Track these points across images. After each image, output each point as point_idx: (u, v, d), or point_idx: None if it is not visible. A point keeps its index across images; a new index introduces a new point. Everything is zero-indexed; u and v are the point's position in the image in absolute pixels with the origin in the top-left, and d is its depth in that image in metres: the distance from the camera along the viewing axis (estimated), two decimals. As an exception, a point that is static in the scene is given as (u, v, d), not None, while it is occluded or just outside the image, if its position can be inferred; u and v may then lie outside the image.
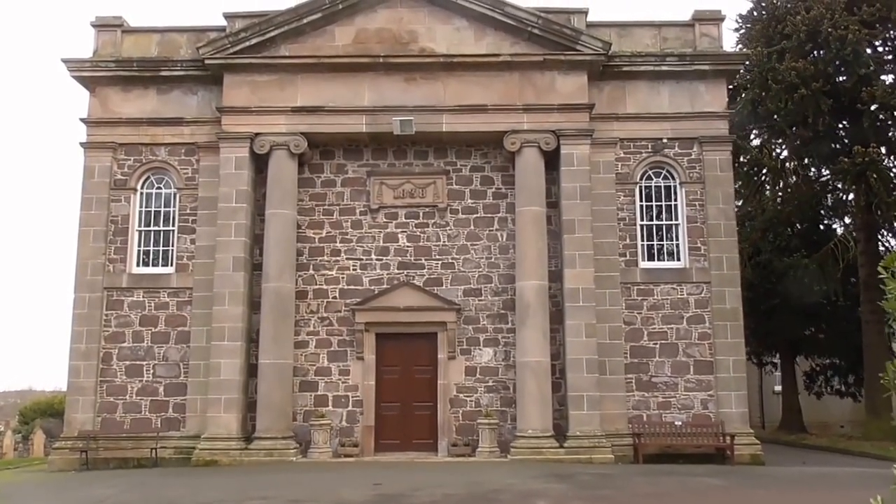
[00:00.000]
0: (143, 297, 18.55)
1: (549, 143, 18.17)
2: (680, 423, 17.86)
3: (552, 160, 18.38)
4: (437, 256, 18.71)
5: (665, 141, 18.72)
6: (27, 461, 22.62)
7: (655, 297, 18.34)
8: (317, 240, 18.84)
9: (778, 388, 29.68)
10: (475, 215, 18.87)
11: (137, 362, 18.34)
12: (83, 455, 17.60)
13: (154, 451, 17.49)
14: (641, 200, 18.81)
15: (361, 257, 18.76)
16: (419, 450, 18.04)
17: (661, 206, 18.88)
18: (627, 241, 18.51)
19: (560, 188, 18.29)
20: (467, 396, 18.25)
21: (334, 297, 18.64)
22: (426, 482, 13.57)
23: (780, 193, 24.98)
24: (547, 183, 18.36)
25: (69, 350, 18.36)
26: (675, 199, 18.77)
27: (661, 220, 18.87)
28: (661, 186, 18.89)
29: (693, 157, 18.69)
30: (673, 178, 18.81)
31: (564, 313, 17.89)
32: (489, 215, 18.87)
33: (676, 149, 18.73)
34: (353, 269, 18.72)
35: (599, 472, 14.93)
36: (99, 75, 18.86)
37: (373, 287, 18.59)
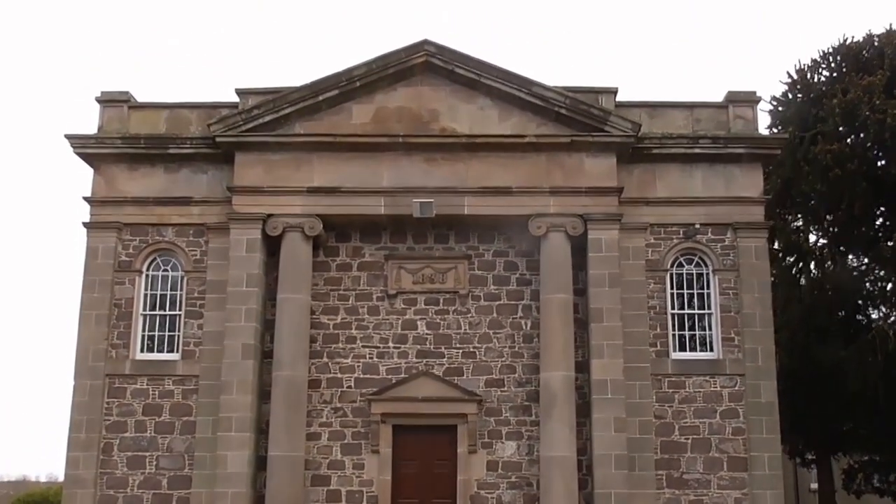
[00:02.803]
0: (147, 384, 18.30)
1: (576, 227, 17.96)
2: (713, 523, 17.41)
3: (579, 245, 18.28)
4: (458, 345, 18.51)
5: (698, 226, 18.56)
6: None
7: (687, 389, 18.11)
8: (331, 326, 18.58)
9: (814, 485, 29.23)
10: (498, 302, 18.66)
11: (140, 453, 18.05)
12: (80, 552, 17.02)
13: (156, 548, 16.97)
14: (672, 288, 18.73)
15: (378, 345, 18.53)
16: (438, 548, 17.62)
17: (692, 294, 18.79)
18: (658, 330, 18.31)
19: (588, 275, 18.15)
20: (489, 493, 17.96)
21: (349, 387, 18.42)
22: None
23: (816, 280, 24.63)
24: (574, 269, 18.27)
25: (67, 440, 18.14)
26: (708, 288, 18.68)
27: (694, 308, 18.74)
28: (693, 274, 18.79)
29: (727, 243, 18.54)
30: (706, 265, 18.63)
31: (592, 406, 17.66)
32: (513, 302, 18.68)
33: (709, 235, 18.61)
34: (370, 358, 18.48)
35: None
36: (104, 152, 18.77)
37: (390, 376, 18.37)
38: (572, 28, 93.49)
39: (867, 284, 24.76)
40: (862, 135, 23.42)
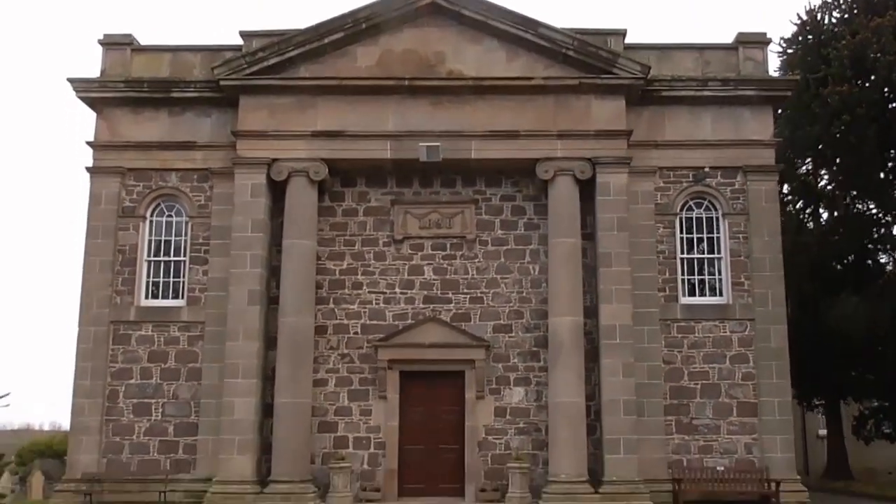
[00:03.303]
0: (152, 331, 18.22)
1: (584, 171, 17.79)
2: (722, 468, 17.61)
3: (587, 189, 18.11)
4: (465, 290, 18.38)
5: (707, 170, 18.37)
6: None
7: (697, 334, 18.00)
8: (337, 272, 18.44)
9: (822, 431, 29.21)
10: (505, 247, 18.52)
11: (146, 400, 18.01)
12: (87, 498, 17.25)
13: (163, 494, 17.10)
14: (682, 232, 18.59)
15: (385, 291, 18.39)
16: (445, 495, 17.73)
17: (702, 238, 18.61)
18: (667, 275, 18.19)
19: (596, 219, 17.98)
20: (496, 439, 17.87)
21: (355, 333, 18.29)
22: None
23: (825, 225, 24.42)
24: (582, 213, 18.09)
25: (73, 387, 18.07)
26: (718, 232, 18.54)
27: (703, 253, 18.53)
28: (702, 218, 18.66)
29: (737, 187, 18.39)
30: (715, 209, 18.50)
31: (600, 351, 17.57)
32: (520, 247, 18.53)
33: (719, 178, 18.44)
34: (376, 304, 18.36)
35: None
36: (107, 96, 18.57)
37: (397, 322, 18.24)
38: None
39: (876, 230, 24.66)
40: (873, 77, 23.07)
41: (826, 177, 25.84)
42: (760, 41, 18.92)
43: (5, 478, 26.27)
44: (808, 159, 25.53)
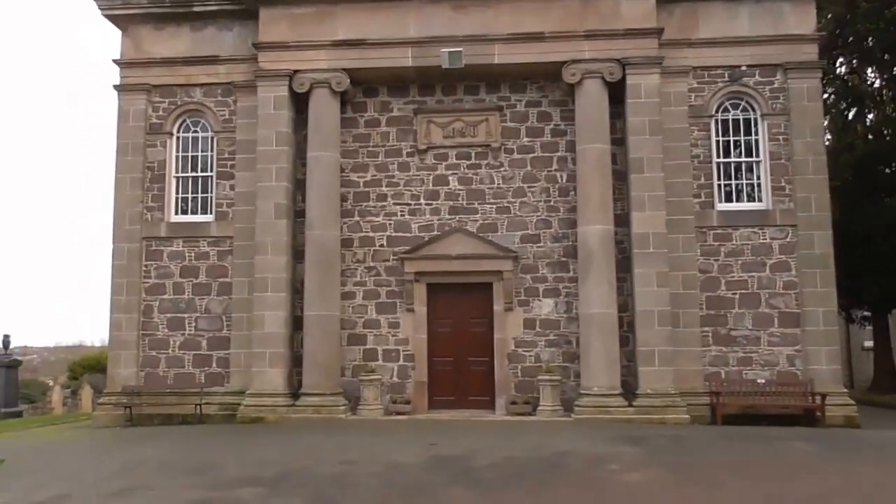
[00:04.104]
0: (183, 246, 18.42)
1: (613, 73, 17.12)
2: (763, 381, 16.94)
3: (617, 92, 17.40)
4: (492, 200, 18.01)
5: (744, 68, 17.51)
6: (74, 416, 23.01)
7: (734, 242, 17.29)
8: (361, 184, 18.31)
9: (868, 343, 27.96)
10: (532, 155, 18.04)
11: (179, 315, 18.27)
12: (127, 411, 17.74)
13: (199, 407, 17.43)
14: (718, 135, 17.73)
15: (409, 202, 18.18)
16: (475, 407, 17.58)
17: (739, 141, 17.72)
18: (702, 180, 17.46)
19: (626, 123, 17.28)
20: (526, 351, 17.61)
21: (381, 246, 18.17)
22: (484, 443, 13.08)
23: (872, 126, 23.06)
24: (611, 118, 17.43)
25: (110, 303, 18.43)
26: (756, 134, 17.63)
27: (740, 156, 17.69)
28: (739, 119, 17.74)
29: (776, 86, 17.43)
30: (753, 109, 17.61)
31: (632, 261, 17.03)
32: (547, 154, 18.03)
33: (757, 77, 17.53)
34: (401, 215, 18.17)
35: (675, 435, 14.11)
36: (131, 13, 18.60)
37: (422, 234, 18.03)
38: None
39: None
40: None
41: (872, 76, 24.27)
42: (802, -73, 17.73)
43: (56, 391, 27.67)
44: (854, 58, 24.04)
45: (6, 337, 24.41)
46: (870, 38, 22.52)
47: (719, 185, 17.57)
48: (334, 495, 9.33)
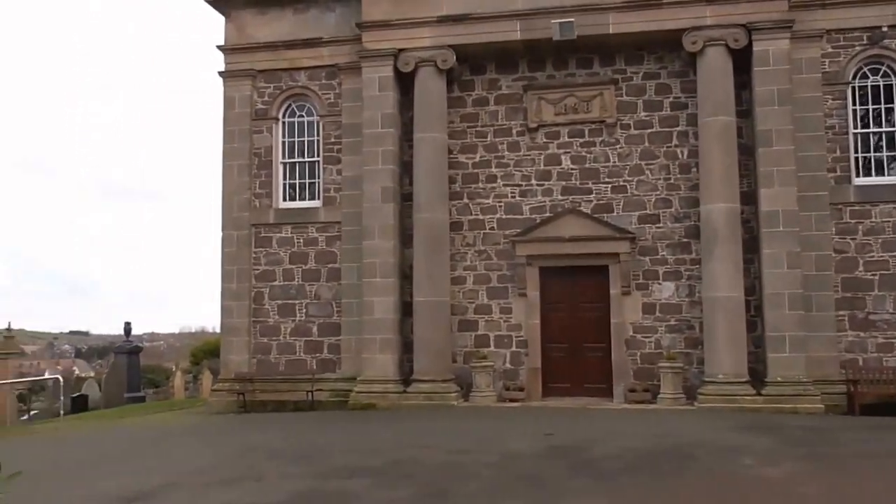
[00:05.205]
0: (292, 232, 18.60)
1: (738, 39, 16.29)
2: (905, 367, 15.91)
3: (742, 61, 16.50)
4: (607, 179, 17.46)
5: (885, 29, 16.31)
6: (191, 402, 23.87)
7: (873, 219, 16.29)
8: (470, 165, 18.06)
9: None
10: (650, 130, 17.37)
11: (289, 301, 18.49)
12: (240, 397, 18.08)
13: (310, 393, 17.61)
14: (855, 104, 16.63)
15: (520, 183, 17.83)
16: (592, 395, 17.17)
17: (879, 109, 16.58)
18: (837, 153, 16.45)
19: (753, 93, 16.42)
20: (645, 337, 17.12)
21: (491, 229, 17.90)
22: (603, 432, 12.74)
23: None
24: (736, 88, 16.58)
25: (220, 290, 18.77)
26: (899, 100, 16.41)
27: (881, 126, 16.59)
28: (879, 86, 16.58)
29: (923, 46, 16.18)
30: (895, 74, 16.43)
31: (760, 241, 16.23)
32: (666, 129, 17.33)
33: (900, 37, 16.29)
34: (512, 197, 17.84)
35: (809, 425, 13.40)
36: None
37: (534, 216, 17.67)
38: None
39: None
40: None
41: None
42: None
43: (178, 377, 28.90)
44: None
45: (127, 324, 25.59)
46: None
47: (857, 158, 16.50)
48: (445, 487, 9.10)
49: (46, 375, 29.74)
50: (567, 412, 15.67)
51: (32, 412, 24.36)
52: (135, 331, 27.31)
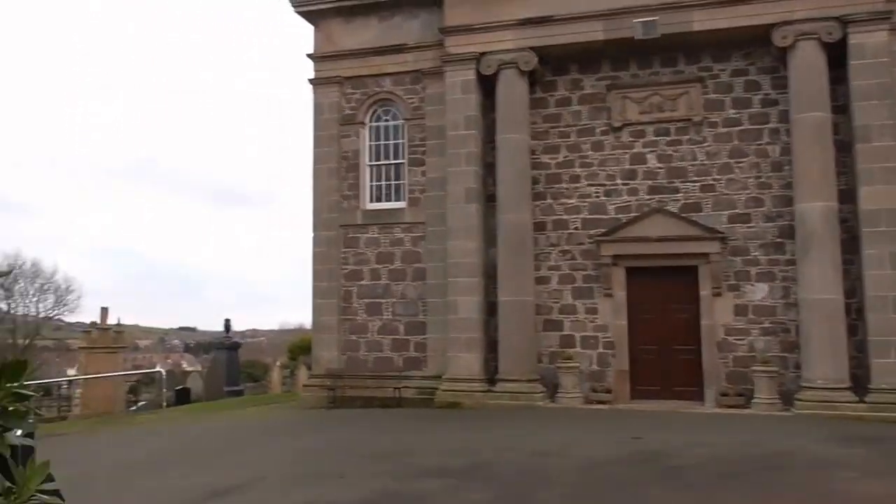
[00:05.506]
0: (378, 233, 19.05)
1: (831, 32, 15.73)
2: None
3: (836, 54, 15.91)
4: (694, 178, 17.16)
5: None
6: (286, 396, 24.82)
7: (981, 215, 15.42)
8: (553, 165, 18.08)
9: None
10: (739, 128, 16.99)
11: (376, 300, 18.95)
12: (330, 393, 18.61)
13: (397, 390, 18.01)
14: (962, 95, 15.75)
15: (605, 182, 17.73)
16: (681, 398, 16.93)
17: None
18: (943, 147, 15.65)
19: (849, 88, 15.82)
20: (738, 339, 16.77)
21: (576, 229, 17.88)
22: (692, 438, 12.52)
23: None
24: (830, 83, 15.98)
25: (312, 289, 19.38)
26: None
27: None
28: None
29: None
30: None
31: (861, 241, 15.63)
32: (756, 127, 16.90)
33: None
34: (596, 197, 17.77)
35: (917, 437, 12.71)
36: (322, 8, 19.32)
37: (619, 216, 17.55)
38: None
39: None
40: None
41: None
42: None
43: (276, 372, 30.12)
44: None
45: (227, 321, 26.84)
46: None
47: (966, 152, 15.78)
48: (524, 492, 9.08)
49: (157, 368, 31.54)
50: (656, 415, 15.54)
51: (140, 403, 25.93)
52: (237, 327, 28.69)
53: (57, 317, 44.97)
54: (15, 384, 2.27)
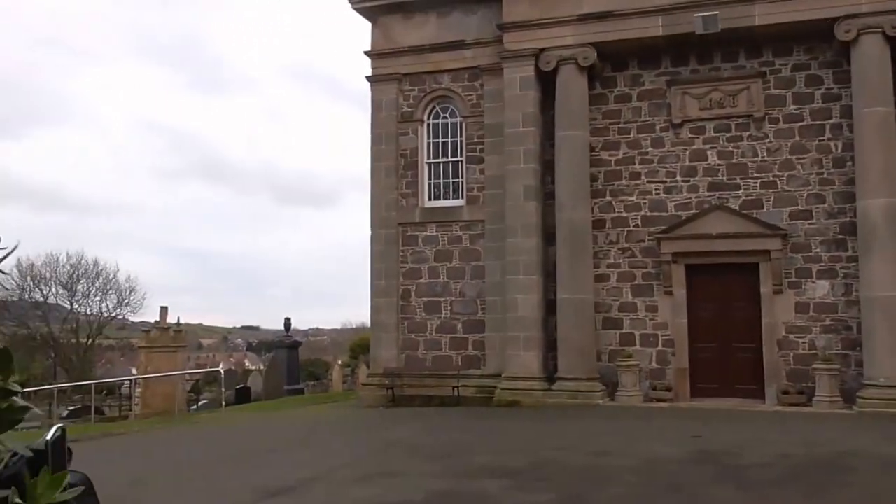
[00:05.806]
0: (437, 231, 19.24)
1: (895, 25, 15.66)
2: None
3: (901, 47, 15.79)
4: (755, 174, 17.13)
5: None
6: (345, 395, 25.23)
7: None
8: (612, 162, 18.16)
9: None
10: (800, 123, 16.92)
11: (435, 299, 19.15)
12: (389, 391, 18.84)
13: (456, 389, 18.16)
14: None
15: (665, 179, 17.77)
16: (742, 396, 16.92)
17: None
18: None
19: (914, 81, 15.69)
20: (799, 337, 16.72)
21: (635, 226, 17.95)
22: (754, 437, 12.51)
23: None
24: (894, 77, 15.85)
25: (370, 287, 19.63)
26: None
27: None
28: None
29: None
30: None
31: (927, 238, 15.50)
32: (818, 122, 16.83)
33: None
34: (656, 194, 17.82)
35: None
36: (379, 4, 19.55)
37: (679, 213, 17.58)
38: None
39: None
40: None
41: None
42: None
43: (336, 370, 30.59)
44: None
45: (287, 320, 27.28)
46: None
47: None
48: (582, 492, 9.03)
49: (220, 367, 32.22)
50: (716, 414, 15.50)
51: (201, 402, 26.48)
52: (300, 326, 29.19)
53: (122, 316, 45.91)
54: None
